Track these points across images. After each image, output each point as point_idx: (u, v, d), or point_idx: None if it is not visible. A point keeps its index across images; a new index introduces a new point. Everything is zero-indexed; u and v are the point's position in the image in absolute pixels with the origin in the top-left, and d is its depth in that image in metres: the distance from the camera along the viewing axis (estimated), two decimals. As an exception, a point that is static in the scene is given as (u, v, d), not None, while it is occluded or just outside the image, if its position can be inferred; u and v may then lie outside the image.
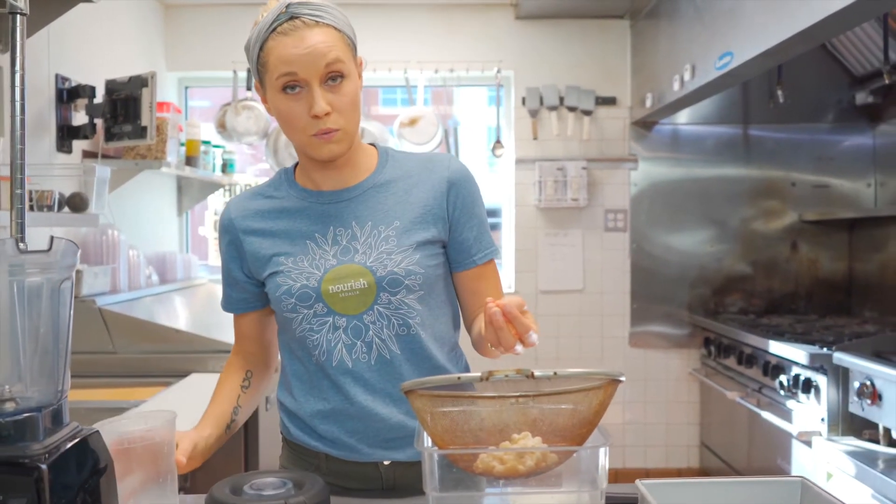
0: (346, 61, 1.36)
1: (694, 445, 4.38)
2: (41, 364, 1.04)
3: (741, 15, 2.85)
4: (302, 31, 1.33)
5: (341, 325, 1.40)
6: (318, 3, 1.37)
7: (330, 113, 1.34)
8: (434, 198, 1.45)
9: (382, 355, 1.40)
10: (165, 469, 1.22)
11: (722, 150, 4.39)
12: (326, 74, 1.34)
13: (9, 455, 0.97)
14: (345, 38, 1.38)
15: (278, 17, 1.34)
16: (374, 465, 1.43)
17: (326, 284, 1.39)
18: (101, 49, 3.40)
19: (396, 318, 1.40)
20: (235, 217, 1.49)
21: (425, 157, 1.53)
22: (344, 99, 1.36)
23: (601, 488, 1.01)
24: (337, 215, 1.44)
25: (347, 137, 1.39)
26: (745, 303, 4.36)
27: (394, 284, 1.39)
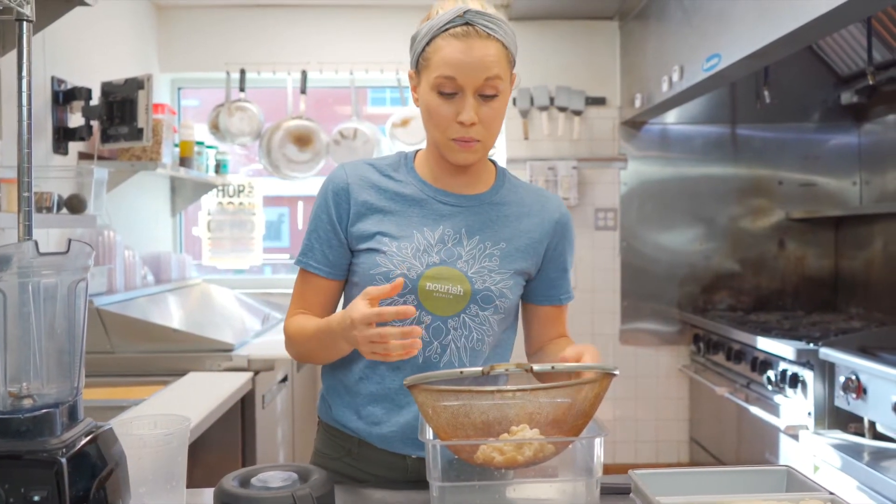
0: (504, 79, 1.40)
1: (684, 441, 4.44)
2: (58, 362, 1.08)
3: (729, 17, 2.91)
4: (473, 39, 1.36)
5: (425, 322, 1.43)
6: (494, 15, 1.39)
7: (476, 124, 1.38)
8: (541, 233, 1.51)
9: (451, 361, 1.44)
10: (177, 471, 1.26)
11: (710, 150, 4.45)
12: (483, 87, 1.37)
13: (29, 449, 1.01)
14: (509, 56, 1.41)
15: (455, 19, 1.37)
16: (403, 456, 1.48)
17: (425, 281, 1.42)
18: (95, 51, 3.43)
19: (477, 332, 1.45)
20: (352, 183, 1.49)
21: (539, 191, 1.58)
22: (492, 113, 1.39)
23: (596, 477, 1.06)
24: (449, 216, 1.47)
25: (484, 150, 1.44)
26: (733, 300, 4.42)
27: (486, 300, 1.44)
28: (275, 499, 1.18)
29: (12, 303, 1.03)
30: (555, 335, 1.58)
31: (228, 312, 3.76)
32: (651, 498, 1.11)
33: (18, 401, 1.05)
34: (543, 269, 1.54)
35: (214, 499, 1.23)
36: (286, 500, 1.18)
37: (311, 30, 4.33)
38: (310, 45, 4.33)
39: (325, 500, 1.22)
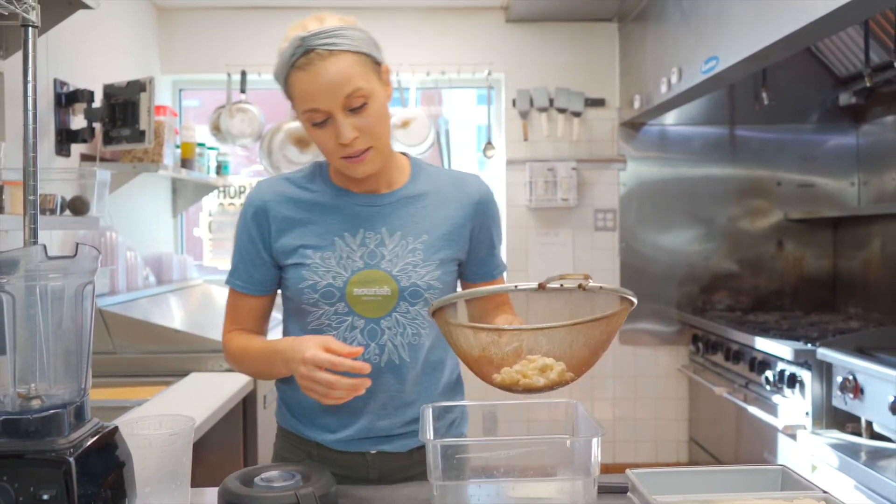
0: (367, 83, 1.39)
1: (683, 441, 4.46)
2: (65, 363, 1.10)
3: (727, 20, 2.92)
4: (317, 64, 1.36)
5: (359, 326, 1.46)
6: (332, 29, 1.39)
7: (358, 137, 1.39)
8: (462, 217, 1.53)
9: (392, 359, 1.47)
10: (181, 471, 1.28)
11: (709, 151, 4.47)
12: (348, 103, 1.38)
13: (38, 449, 1.03)
14: (363, 59, 1.40)
15: (294, 51, 1.37)
16: (362, 454, 1.51)
17: (352, 286, 1.45)
18: (96, 53, 3.45)
19: (411, 327, 1.47)
20: (269, 200, 1.51)
21: (456, 175, 1.60)
22: (369, 120, 1.40)
23: (594, 475, 1.08)
24: (368, 218, 1.49)
25: (380, 154, 1.45)
26: (732, 300, 4.44)
27: (414, 296, 1.46)
28: (278, 498, 1.21)
29: (21, 305, 1.05)
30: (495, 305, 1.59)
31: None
32: (648, 497, 1.13)
33: (27, 401, 1.07)
34: (472, 251, 1.56)
35: (219, 498, 1.25)
36: (289, 499, 1.20)
37: (312, 32, 4.34)
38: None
39: (328, 499, 1.24)
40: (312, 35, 1.37)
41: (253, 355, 1.51)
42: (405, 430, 1.51)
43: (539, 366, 1.13)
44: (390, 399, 1.49)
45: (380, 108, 1.42)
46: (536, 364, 1.13)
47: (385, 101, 1.44)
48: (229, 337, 1.57)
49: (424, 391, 1.52)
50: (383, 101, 1.44)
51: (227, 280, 1.57)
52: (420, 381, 1.50)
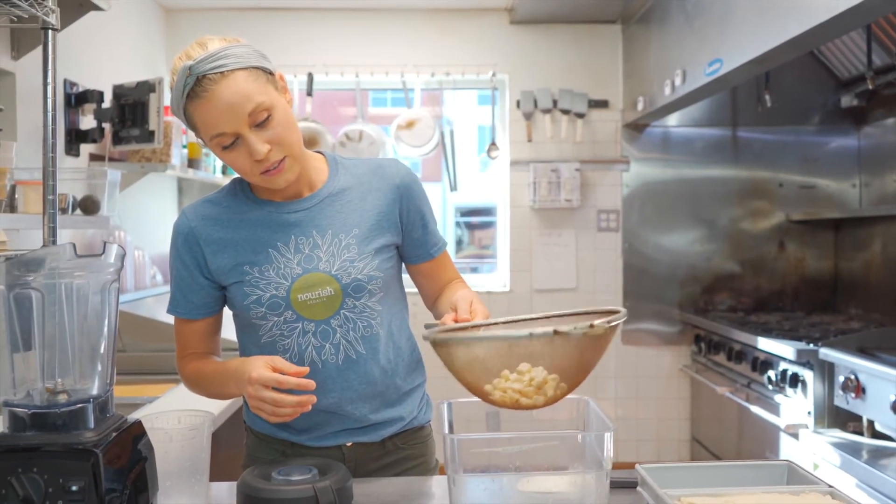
0: (266, 96, 1.38)
1: (685, 440, 4.49)
2: (90, 359, 1.13)
3: (730, 23, 2.95)
4: (211, 89, 1.34)
5: (310, 330, 1.48)
6: (217, 51, 1.36)
7: (271, 149, 1.38)
8: (387, 204, 1.54)
9: (349, 355, 1.50)
10: (200, 465, 1.31)
11: (711, 152, 4.50)
12: (252, 119, 1.36)
13: (66, 442, 1.06)
14: (255, 73, 1.38)
15: (186, 81, 1.35)
16: (338, 447, 1.54)
17: (295, 293, 1.46)
18: (105, 53, 3.48)
19: (361, 320, 1.50)
20: (196, 225, 1.51)
21: (374, 163, 1.60)
22: (277, 130, 1.39)
23: (606, 469, 1.11)
24: (297, 224, 1.50)
25: (296, 161, 1.44)
26: (733, 301, 4.47)
27: (358, 290, 1.48)
28: (296, 491, 1.23)
29: (48, 302, 1.08)
30: (445, 282, 1.62)
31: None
32: (658, 491, 1.16)
33: (54, 396, 1.10)
34: (406, 233, 1.57)
35: (238, 491, 1.28)
36: (307, 493, 1.23)
37: (317, 33, 4.38)
38: (316, 47, 4.38)
39: (345, 492, 1.27)
40: (199, 62, 1.34)
41: (206, 378, 1.53)
42: (378, 420, 1.55)
43: (537, 382, 1.13)
44: (357, 393, 1.51)
45: (285, 117, 1.41)
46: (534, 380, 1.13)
47: (287, 108, 1.43)
48: (182, 364, 1.59)
49: (389, 377, 1.55)
50: (286, 108, 1.42)
51: (168, 310, 1.57)
52: (383, 368, 1.53)
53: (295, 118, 1.46)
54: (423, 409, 1.64)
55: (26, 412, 1.08)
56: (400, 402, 1.58)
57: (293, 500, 1.22)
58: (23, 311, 1.09)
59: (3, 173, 2.26)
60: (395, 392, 1.56)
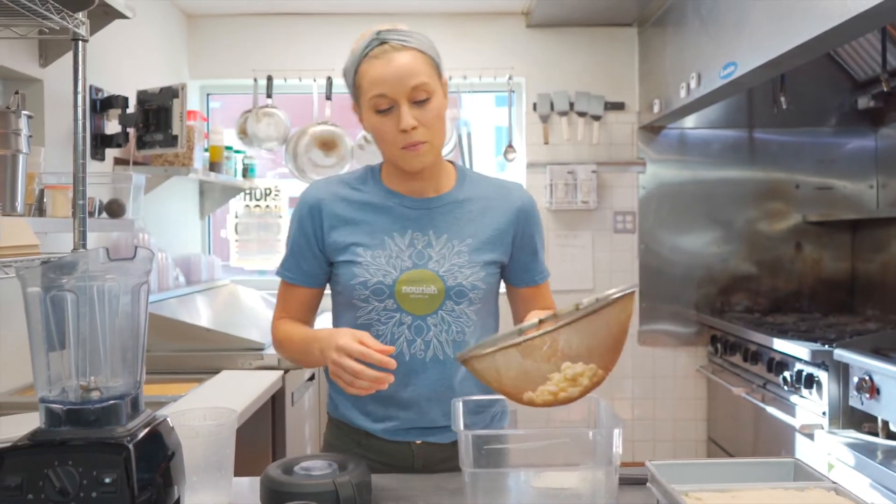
0: (431, 81, 1.50)
1: (701, 440, 4.51)
2: (122, 358, 1.18)
3: (745, 26, 2.98)
4: (390, 54, 1.48)
5: (406, 322, 1.55)
6: (405, 29, 1.53)
7: (417, 127, 1.48)
8: (506, 223, 1.61)
9: (437, 355, 1.56)
10: (225, 461, 1.36)
11: (727, 154, 4.51)
12: (413, 94, 1.48)
13: (98, 437, 1.11)
14: (430, 61, 1.52)
15: (370, 42, 1.50)
16: (408, 444, 1.60)
17: (400, 285, 1.54)
18: (128, 59, 3.55)
19: (456, 325, 1.56)
20: (324, 198, 1.61)
21: (499, 183, 1.69)
22: (430, 115, 1.50)
23: (615, 465, 1.15)
24: (416, 220, 1.58)
25: (433, 150, 1.53)
26: (750, 302, 4.48)
27: (460, 295, 1.55)
28: (317, 485, 1.28)
29: (82, 304, 1.14)
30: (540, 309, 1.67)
31: (255, 313, 3.87)
32: (667, 486, 1.19)
33: (87, 393, 1.15)
34: (515, 256, 1.64)
35: (261, 485, 1.33)
36: (328, 487, 1.28)
37: (336, 37, 4.43)
38: (335, 52, 4.43)
39: (363, 487, 1.32)
40: (387, 31, 1.50)
41: (294, 342, 1.59)
42: (448, 424, 1.58)
43: (570, 376, 1.17)
44: (434, 392, 1.57)
45: (439, 109, 1.52)
46: (567, 375, 1.17)
47: (443, 105, 1.54)
48: (277, 325, 1.66)
49: (469, 387, 1.59)
50: (442, 103, 1.53)
51: (277, 271, 1.66)
52: (466, 376, 1.57)
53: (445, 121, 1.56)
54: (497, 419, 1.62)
55: (61, 408, 1.13)
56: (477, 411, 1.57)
57: (314, 493, 1.27)
58: (58, 312, 1.14)
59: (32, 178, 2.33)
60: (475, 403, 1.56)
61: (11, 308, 2.54)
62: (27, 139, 2.00)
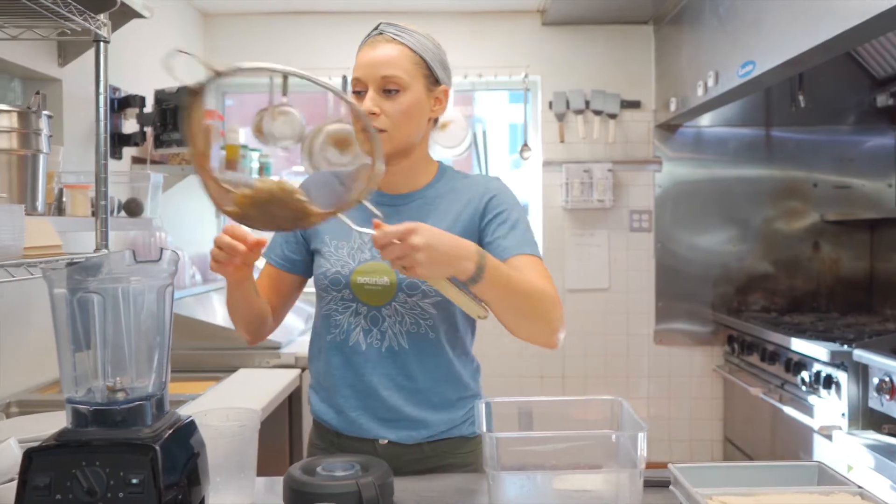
0: (408, 78, 1.52)
1: (717, 440, 4.49)
2: (148, 359, 1.19)
3: (763, 25, 2.96)
4: (379, 43, 1.54)
5: (362, 312, 1.58)
6: (407, 26, 1.56)
7: (378, 115, 1.50)
8: (470, 212, 1.60)
9: (392, 346, 1.58)
10: (248, 461, 1.37)
11: (744, 152, 4.49)
12: (383, 83, 1.51)
13: (125, 437, 1.12)
14: (417, 60, 1.54)
15: (371, 32, 1.58)
16: (373, 442, 1.60)
17: (356, 276, 1.57)
18: (145, 59, 3.56)
19: (410, 317, 1.57)
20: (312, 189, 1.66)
21: (474, 178, 1.67)
22: (396, 107, 1.52)
23: (640, 468, 1.14)
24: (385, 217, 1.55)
25: (391, 142, 1.53)
26: (767, 301, 4.46)
27: (412, 287, 1.55)
28: (341, 486, 1.28)
29: (109, 305, 1.14)
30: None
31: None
32: (690, 490, 1.19)
33: (113, 394, 1.16)
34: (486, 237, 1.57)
35: (284, 486, 1.33)
36: (351, 488, 1.28)
37: (352, 36, 4.39)
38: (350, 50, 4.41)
39: (386, 488, 1.32)
40: (389, 23, 1.57)
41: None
42: (412, 416, 1.58)
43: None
44: (393, 383, 1.58)
45: (411, 106, 1.53)
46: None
47: (422, 108, 1.55)
48: None
49: (431, 379, 1.59)
50: (420, 105, 1.54)
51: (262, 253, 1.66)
52: (427, 369, 1.58)
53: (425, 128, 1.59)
54: (471, 421, 1.64)
55: (88, 409, 1.14)
56: (442, 407, 1.60)
57: (337, 494, 1.27)
58: (84, 314, 1.15)
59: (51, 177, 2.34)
60: (438, 396, 1.60)
61: (33, 307, 2.56)
62: (47, 139, 2.01)
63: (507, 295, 1.40)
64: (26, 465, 1.09)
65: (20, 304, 2.49)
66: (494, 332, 1.73)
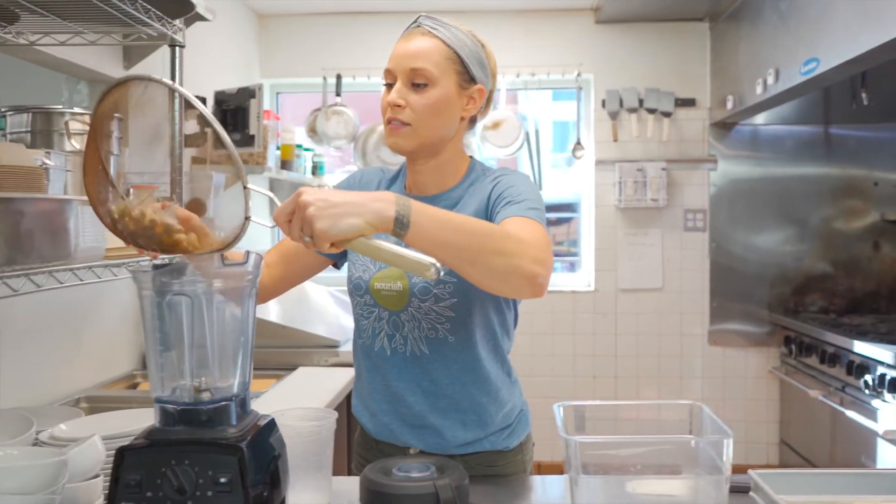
0: (439, 73, 1.48)
1: (773, 443, 4.43)
2: (233, 359, 1.21)
3: (828, 22, 2.91)
4: (414, 35, 1.51)
5: (384, 317, 1.57)
6: (446, 21, 1.52)
7: (404, 107, 1.48)
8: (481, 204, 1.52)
9: (415, 351, 1.55)
10: (325, 459, 1.39)
11: (802, 150, 4.41)
12: (411, 76, 1.48)
13: (212, 437, 1.14)
14: (449, 54, 1.49)
15: (409, 24, 1.54)
16: (403, 451, 1.60)
17: (374, 281, 1.56)
18: (204, 60, 3.61)
19: (426, 321, 1.53)
20: (358, 183, 1.68)
21: (492, 171, 1.60)
22: (422, 101, 1.48)
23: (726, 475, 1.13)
24: None
25: (416, 137, 1.50)
26: (825, 302, 4.38)
27: (424, 292, 1.51)
28: (418, 487, 1.29)
29: (196, 306, 1.16)
30: None
31: (324, 309, 3.91)
32: (774, 497, 1.17)
33: (199, 393, 1.18)
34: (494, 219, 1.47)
35: (360, 487, 1.35)
36: (428, 489, 1.29)
37: (404, 35, 4.44)
38: (403, 50, 4.45)
39: (462, 490, 1.32)
40: (428, 16, 1.53)
41: None
42: (437, 424, 1.55)
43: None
44: (419, 388, 1.56)
45: (440, 101, 1.48)
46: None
47: (451, 104, 1.50)
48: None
49: (460, 384, 1.55)
50: (448, 100, 1.49)
51: None
52: (452, 374, 1.54)
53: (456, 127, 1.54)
54: (509, 433, 1.60)
55: (175, 408, 1.16)
56: (472, 411, 1.56)
57: (415, 496, 1.28)
58: (171, 315, 1.17)
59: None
60: (468, 400, 1.55)
61: (100, 305, 2.62)
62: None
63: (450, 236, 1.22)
64: (118, 462, 1.12)
65: (87, 303, 2.55)
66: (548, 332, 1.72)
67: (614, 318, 4.49)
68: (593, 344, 4.48)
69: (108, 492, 1.13)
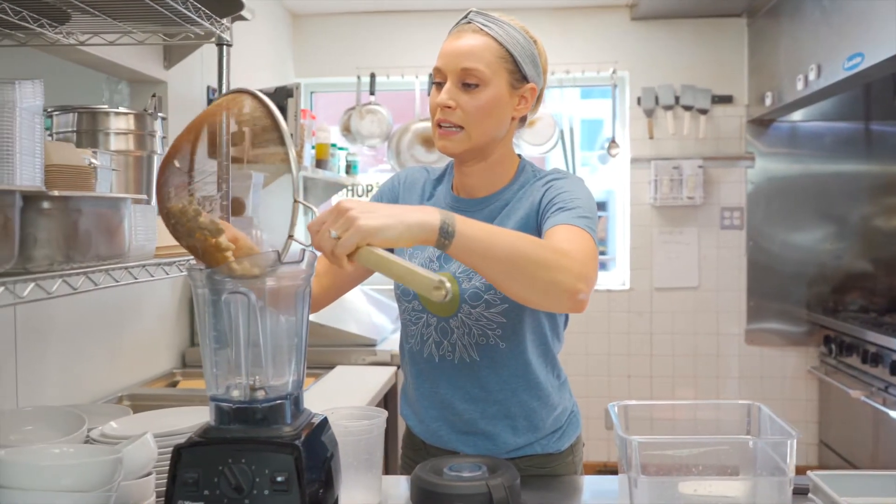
0: (490, 72, 1.42)
1: (812, 444, 4.37)
2: (287, 358, 1.20)
3: (873, 17, 2.86)
4: (464, 33, 1.45)
5: (432, 324, 1.52)
6: (497, 17, 1.47)
7: (455, 109, 1.42)
8: (530, 210, 1.48)
9: (464, 358, 1.51)
10: (375, 458, 1.38)
11: (841, 147, 4.35)
12: (462, 76, 1.42)
13: (268, 436, 1.13)
14: (503, 55, 1.44)
15: (459, 20, 1.49)
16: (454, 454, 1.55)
17: None
18: (240, 59, 3.62)
19: (477, 328, 1.48)
20: (398, 185, 1.64)
21: (543, 173, 1.55)
22: (474, 103, 1.42)
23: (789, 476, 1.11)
24: None
25: (467, 140, 1.44)
26: (865, 301, 4.31)
27: (474, 298, 1.47)
28: (471, 487, 1.28)
29: (250, 305, 1.16)
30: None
31: (358, 307, 3.91)
32: (836, 499, 1.15)
33: (254, 392, 1.18)
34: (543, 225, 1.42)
35: (412, 485, 1.34)
36: (481, 489, 1.28)
37: (438, 34, 4.40)
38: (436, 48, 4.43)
39: (514, 489, 1.31)
40: (479, 12, 1.48)
41: None
42: (488, 429, 1.53)
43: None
44: (468, 395, 1.52)
45: (492, 102, 1.43)
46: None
47: (503, 105, 1.45)
48: None
49: (511, 391, 1.51)
50: (500, 101, 1.44)
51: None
52: (503, 380, 1.51)
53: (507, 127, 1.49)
54: (560, 435, 1.57)
55: (231, 406, 1.16)
56: (523, 417, 1.53)
57: (468, 495, 1.27)
58: (226, 313, 1.17)
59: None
60: (519, 406, 1.52)
61: (141, 303, 2.64)
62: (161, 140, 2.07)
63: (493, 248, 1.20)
64: (175, 460, 1.12)
65: (128, 302, 2.57)
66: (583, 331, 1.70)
67: (649, 317, 4.45)
68: (628, 343, 4.44)
69: (165, 490, 1.13)
